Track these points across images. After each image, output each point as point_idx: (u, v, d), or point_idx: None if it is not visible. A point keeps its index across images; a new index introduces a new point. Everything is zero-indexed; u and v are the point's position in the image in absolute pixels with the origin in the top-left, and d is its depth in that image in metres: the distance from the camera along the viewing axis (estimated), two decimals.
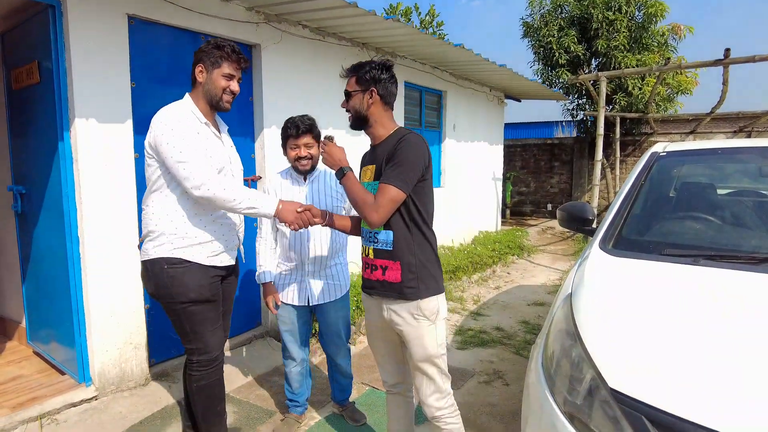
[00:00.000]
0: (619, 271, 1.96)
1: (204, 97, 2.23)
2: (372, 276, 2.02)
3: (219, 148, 2.25)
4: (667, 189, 2.66)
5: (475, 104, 7.75)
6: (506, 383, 3.35)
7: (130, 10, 3.03)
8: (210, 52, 2.20)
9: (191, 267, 2.20)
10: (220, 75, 2.20)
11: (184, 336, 2.26)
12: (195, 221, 2.21)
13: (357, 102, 2.00)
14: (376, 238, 1.99)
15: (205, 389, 2.29)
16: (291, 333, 2.69)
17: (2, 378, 3.28)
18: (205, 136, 2.19)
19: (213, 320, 2.28)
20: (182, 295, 2.18)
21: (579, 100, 11.38)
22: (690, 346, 1.44)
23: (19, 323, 3.85)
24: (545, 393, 1.63)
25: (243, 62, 2.26)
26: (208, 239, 2.25)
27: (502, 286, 6.08)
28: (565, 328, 1.73)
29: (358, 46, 5.04)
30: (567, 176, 12.34)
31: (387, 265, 1.97)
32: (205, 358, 2.26)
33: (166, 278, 2.17)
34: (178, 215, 2.19)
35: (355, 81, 2.00)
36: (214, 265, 2.27)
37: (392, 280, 1.96)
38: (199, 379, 2.27)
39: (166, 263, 2.17)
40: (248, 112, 3.98)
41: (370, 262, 2.03)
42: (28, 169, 3.31)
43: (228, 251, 2.35)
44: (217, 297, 2.30)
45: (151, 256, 2.20)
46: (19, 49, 3.22)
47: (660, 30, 10.12)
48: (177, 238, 2.19)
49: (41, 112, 3.02)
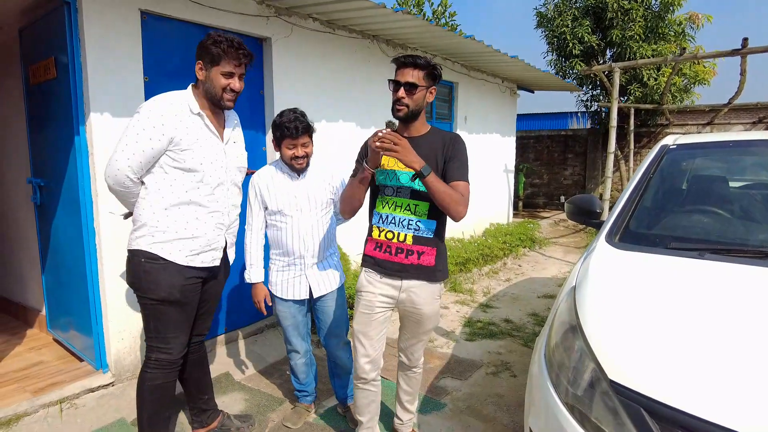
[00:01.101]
0: (623, 265, 1.97)
1: (204, 95, 2.18)
2: (406, 260, 2.13)
3: (206, 141, 2.17)
4: (676, 182, 2.65)
5: (487, 96, 7.70)
6: (513, 374, 3.38)
7: (143, 5, 3.07)
8: (208, 48, 2.11)
9: (167, 265, 2.14)
10: (219, 73, 2.12)
11: (148, 332, 2.23)
12: (177, 216, 2.14)
13: (421, 96, 2.06)
14: (418, 226, 2.11)
15: (157, 390, 2.23)
16: (294, 327, 2.69)
17: (24, 364, 3.40)
18: (187, 125, 2.11)
19: (179, 323, 2.22)
20: (152, 292, 2.14)
21: (593, 91, 11.25)
22: (690, 339, 1.46)
23: (40, 311, 3.97)
24: (547, 384, 1.66)
25: (244, 57, 2.17)
26: (188, 236, 2.17)
27: (512, 279, 6.08)
28: (568, 321, 1.75)
29: (369, 38, 5.04)
30: (581, 168, 12.22)
31: (424, 250, 2.13)
32: (164, 358, 2.22)
33: (141, 272, 2.14)
34: (160, 207, 2.13)
35: (424, 75, 2.04)
36: (192, 265, 2.19)
37: (427, 264, 2.14)
38: (154, 378, 2.22)
39: (144, 257, 2.13)
40: (259, 105, 4.02)
41: (405, 247, 2.13)
42: (46, 162, 3.40)
43: (211, 251, 2.25)
44: (189, 300, 2.23)
45: (132, 246, 2.18)
46: (36, 46, 3.29)
47: (677, 19, 9.93)
48: (158, 231, 2.13)
49: (58, 107, 3.10)
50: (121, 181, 2.08)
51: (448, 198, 1.96)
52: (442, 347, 3.84)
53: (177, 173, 2.13)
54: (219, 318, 3.77)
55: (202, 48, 2.13)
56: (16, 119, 3.77)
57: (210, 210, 2.22)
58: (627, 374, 1.41)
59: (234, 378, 3.30)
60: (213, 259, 2.28)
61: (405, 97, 2.04)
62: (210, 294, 2.41)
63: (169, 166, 2.12)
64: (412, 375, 2.47)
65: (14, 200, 4.05)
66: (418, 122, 2.13)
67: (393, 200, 2.13)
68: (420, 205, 2.11)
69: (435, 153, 2.08)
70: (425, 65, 2.03)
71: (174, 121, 2.08)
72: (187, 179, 2.15)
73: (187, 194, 2.15)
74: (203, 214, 2.20)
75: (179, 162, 2.12)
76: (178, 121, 2.09)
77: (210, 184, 2.20)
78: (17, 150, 3.84)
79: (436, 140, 2.11)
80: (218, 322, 3.77)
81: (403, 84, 2.03)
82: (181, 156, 2.11)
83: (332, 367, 2.81)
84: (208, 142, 2.19)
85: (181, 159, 2.11)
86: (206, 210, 2.21)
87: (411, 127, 2.13)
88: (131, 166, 2.06)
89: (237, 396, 3.08)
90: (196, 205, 2.18)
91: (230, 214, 2.35)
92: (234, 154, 2.34)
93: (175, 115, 2.09)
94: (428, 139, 2.12)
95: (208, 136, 2.19)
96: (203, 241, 2.21)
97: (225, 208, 2.30)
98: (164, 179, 2.12)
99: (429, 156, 2.05)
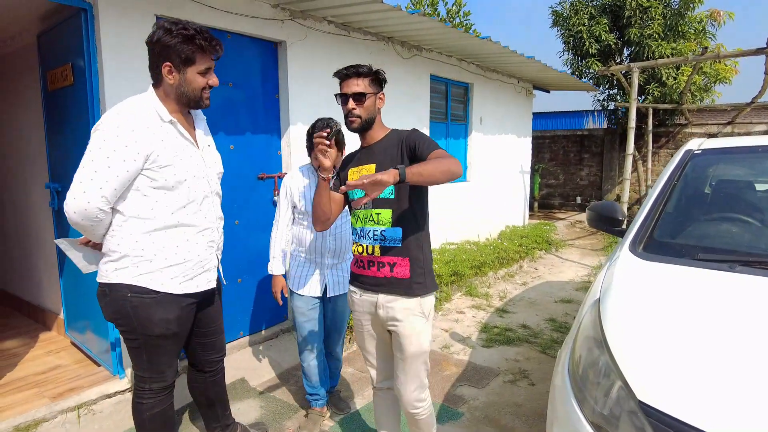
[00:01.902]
0: (649, 277, 1.91)
1: (176, 98, 1.92)
2: (378, 273, 2.00)
3: (184, 152, 1.94)
4: (701, 189, 2.57)
5: (502, 96, 7.62)
6: (532, 383, 3.32)
7: (158, 10, 3.07)
8: (178, 47, 1.82)
9: (159, 298, 1.92)
10: (196, 73, 1.88)
11: (139, 364, 2.03)
12: (164, 241, 1.91)
13: (371, 103, 1.98)
14: (383, 236, 1.97)
15: (158, 417, 2.07)
16: (310, 323, 2.75)
17: (43, 367, 3.43)
18: (161, 137, 1.86)
19: (173, 352, 2.06)
20: (145, 329, 1.93)
21: (610, 90, 11.08)
22: (724, 361, 1.40)
23: (58, 314, 4.00)
24: (571, 400, 1.61)
25: (219, 49, 1.94)
26: (179, 261, 1.95)
27: (528, 282, 6.00)
28: (593, 335, 1.70)
29: (383, 40, 5.01)
30: (597, 168, 12.06)
31: (395, 261, 1.97)
32: (159, 386, 2.06)
33: (129, 308, 1.90)
34: (143, 234, 1.88)
35: (370, 82, 1.97)
36: (188, 292, 1.99)
37: (401, 276, 1.97)
38: (152, 407, 2.05)
39: (130, 291, 1.89)
40: (275, 109, 4.00)
41: (375, 259, 2.00)
42: (63, 168, 3.42)
43: (205, 273, 2.07)
44: (185, 328, 2.06)
45: (111, 280, 1.90)
46: (54, 52, 3.31)
47: (697, 16, 9.74)
48: (143, 261, 1.89)
49: (75, 113, 3.11)
50: (93, 215, 1.80)
51: (437, 171, 1.73)
52: (458, 353, 3.79)
53: (158, 194, 1.88)
54: (235, 322, 3.77)
55: (168, 47, 1.82)
56: (34, 125, 3.80)
57: (200, 229, 2.01)
58: (657, 395, 1.35)
59: (249, 384, 3.29)
60: (208, 281, 2.09)
61: (355, 108, 1.96)
62: (212, 315, 2.25)
63: (148, 188, 1.86)
64: (412, 418, 2.12)
65: (33, 205, 4.09)
66: (375, 129, 2.03)
67: (361, 213, 2.03)
68: (382, 213, 1.98)
69: (392, 152, 1.97)
70: (368, 72, 1.97)
71: (147, 134, 1.81)
72: (171, 199, 1.90)
73: (174, 216, 1.92)
74: (193, 235, 1.98)
75: (159, 181, 1.86)
76: (151, 134, 1.82)
77: (196, 200, 1.98)
78: (36, 155, 3.87)
79: (391, 141, 2.01)
80: (234, 327, 3.77)
81: (351, 95, 1.95)
82: (160, 174, 1.86)
83: (327, 360, 2.94)
84: (186, 152, 1.94)
85: (161, 177, 1.86)
86: (196, 229, 1.99)
87: (368, 136, 2.05)
88: (105, 195, 1.78)
89: (252, 403, 3.06)
90: (185, 226, 1.95)
91: (219, 228, 2.14)
92: (212, 160, 2.12)
93: (147, 127, 1.82)
94: (382, 143, 2.03)
95: (185, 146, 1.95)
96: (196, 264, 2.01)
97: (213, 223, 2.09)
98: (144, 203, 1.87)
99: (387, 159, 1.96)
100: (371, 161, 2.00)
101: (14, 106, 4.13)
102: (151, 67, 1.90)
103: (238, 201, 3.69)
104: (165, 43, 1.82)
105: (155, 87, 1.93)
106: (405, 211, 1.96)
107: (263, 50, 3.89)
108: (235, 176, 3.57)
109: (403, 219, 1.96)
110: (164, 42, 1.82)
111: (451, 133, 6.61)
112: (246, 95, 3.74)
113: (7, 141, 4.36)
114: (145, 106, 1.87)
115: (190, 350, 2.29)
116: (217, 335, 2.32)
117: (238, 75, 3.67)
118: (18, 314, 4.55)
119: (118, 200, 1.86)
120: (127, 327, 1.96)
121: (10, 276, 4.77)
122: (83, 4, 2.80)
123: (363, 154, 2.06)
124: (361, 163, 2.04)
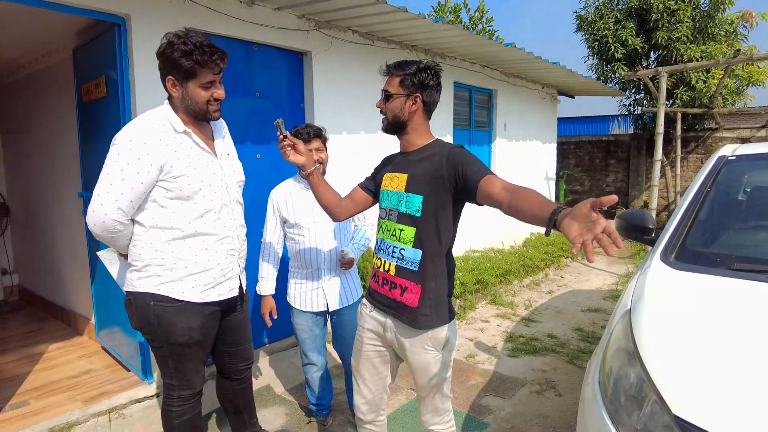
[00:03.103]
0: (682, 287, 1.86)
1: (184, 111, 1.93)
2: (390, 294, 1.85)
3: (199, 162, 1.94)
4: (736, 196, 2.50)
5: (526, 102, 7.56)
6: (559, 394, 3.26)
7: (187, 23, 3.15)
8: (178, 61, 1.81)
9: (182, 307, 1.93)
10: (198, 86, 1.87)
11: (166, 372, 2.05)
12: (183, 250, 1.92)
13: (397, 106, 1.81)
14: (401, 255, 1.81)
15: (187, 424, 2.10)
16: (311, 339, 2.68)
17: (76, 371, 3.52)
18: (174, 148, 1.87)
19: (199, 360, 2.07)
20: (169, 337, 1.95)
21: (636, 95, 10.87)
22: (763, 376, 1.35)
23: (89, 320, 4.11)
24: (602, 413, 1.57)
25: (221, 61, 1.89)
26: (199, 270, 1.95)
27: (555, 291, 5.91)
28: (624, 346, 1.66)
29: (407, 48, 5.03)
30: (623, 174, 11.82)
31: (408, 286, 1.80)
32: (187, 393, 2.07)
33: (152, 316, 1.92)
34: (163, 243, 1.90)
35: (399, 83, 1.80)
36: (209, 301, 2.00)
37: (409, 303, 1.80)
38: (182, 414, 2.07)
39: (153, 299, 1.92)
40: (300, 118, 4.05)
41: (389, 278, 1.85)
42: (96, 177, 3.49)
43: (227, 281, 2.06)
44: (209, 336, 2.07)
45: (136, 288, 1.94)
46: (88, 65, 3.42)
47: (728, 18, 9.50)
48: (164, 270, 1.91)
49: (107, 124, 3.20)
50: (111, 227, 1.83)
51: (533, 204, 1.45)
52: (483, 363, 3.75)
53: (175, 204, 1.89)
54: (260, 329, 3.80)
55: (169, 61, 1.83)
56: (69, 136, 3.93)
57: (219, 237, 2.01)
58: (693, 409, 1.31)
59: (275, 391, 3.32)
60: (230, 289, 2.09)
61: (382, 108, 1.84)
62: (238, 324, 2.24)
63: (165, 198, 1.88)
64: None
65: (66, 213, 4.22)
66: (412, 136, 1.85)
67: (385, 223, 1.90)
68: (405, 230, 1.81)
69: (427, 165, 1.78)
70: (397, 68, 1.80)
71: (159, 146, 1.83)
72: (188, 209, 1.91)
73: (191, 225, 1.92)
74: (213, 243, 1.99)
75: (174, 191, 1.88)
76: (164, 146, 1.84)
77: (214, 209, 1.98)
78: (70, 165, 4.00)
79: (431, 154, 1.81)
80: (259, 333, 3.81)
81: (384, 93, 1.84)
82: (175, 184, 1.87)
83: (348, 380, 2.80)
84: (201, 162, 1.95)
85: (176, 188, 1.87)
86: (215, 238, 1.99)
87: (405, 141, 1.88)
88: (121, 207, 1.81)
89: (278, 410, 3.08)
90: (204, 235, 1.96)
91: (239, 236, 2.14)
92: (231, 168, 2.11)
93: (160, 139, 1.84)
94: (422, 152, 1.84)
95: (201, 155, 1.95)
96: (217, 272, 2.01)
97: (234, 231, 2.08)
98: (161, 213, 1.89)
99: (420, 171, 1.79)
100: (405, 171, 1.85)
101: (50, 117, 4.28)
102: (161, 80, 1.92)
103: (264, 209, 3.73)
104: (167, 56, 1.83)
105: (169, 99, 1.95)
106: (430, 231, 1.78)
107: (289, 60, 3.95)
108: (262, 185, 3.61)
109: (426, 241, 1.78)
110: (166, 55, 1.83)
111: (474, 140, 6.58)
112: (272, 105, 3.80)
113: (43, 151, 4.52)
114: (159, 118, 1.89)
115: (217, 358, 2.30)
116: (243, 344, 2.31)
117: (264, 85, 3.73)
118: (53, 319, 4.70)
119: (137, 211, 1.88)
120: (152, 335, 1.98)
121: (44, 281, 4.92)
122: (117, 18, 2.90)
123: (399, 161, 1.91)
124: (396, 170, 1.89)
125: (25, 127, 4.79)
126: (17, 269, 5.49)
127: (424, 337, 1.81)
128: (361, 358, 1.98)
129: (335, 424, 2.90)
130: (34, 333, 4.35)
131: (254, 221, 3.09)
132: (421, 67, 1.80)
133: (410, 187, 1.81)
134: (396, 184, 1.86)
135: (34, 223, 4.91)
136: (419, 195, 1.78)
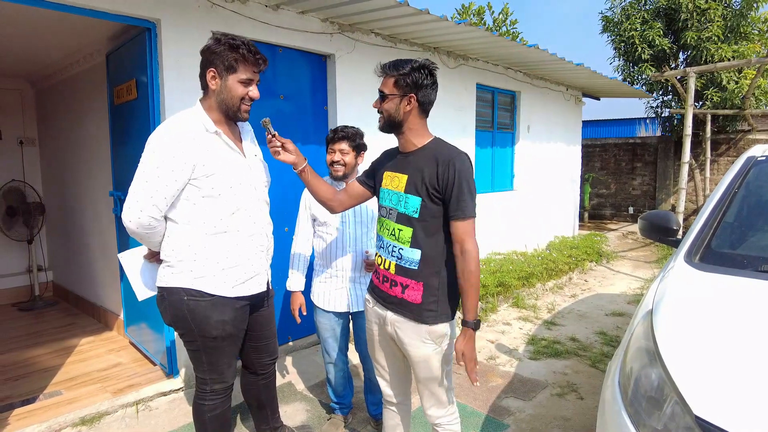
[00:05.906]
0: (706, 288, 1.83)
1: (218, 107, 1.98)
2: (390, 291, 1.91)
3: (229, 162, 2.00)
4: (766, 197, 2.44)
5: (550, 104, 7.49)
6: (581, 397, 3.22)
7: (215, 27, 3.23)
8: (223, 54, 1.89)
9: (214, 301, 1.99)
10: (237, 81, 1.93)
11: (199, 366, 2.09)
12: (215, 246, 1.98)
13: (392, 107, 1.83)
14: (400, 254, 1.86)
15: (219, 418, 2.15)
16: (333, 339, 2.70)
17: (106, 365, 3.64)
18: (206, 147, 1.92)
19: (232, 353, 2.13)
20: (202, 331, 1.99)
21: (664, 96, 10.66)
22: None
23: (118, 315, 4.24)
24: (622, 413, 1.56)
25: (263, 63, 1.99)
26: (231, 265, 2.01)
27: (578, 294, 5.83)
28: (645, 346, 1.65)
29: (430, 50, 5.05)
30: (650, 177, 11.59)
31: (408, 284, 1.85)
32: (220, 387, 2.13)
33: (186, 310, 1.97)
34: (195, 240, 1.95)
35: (393, 83, 1.82)
36: (240, 295, 2.05)
37: (412, 300, 1.85)
38: (213, 408, 2.12)
39: (186, 294, 1.96)
40: (323, 120, 4.11)
41: (389, 276, 1.90)
42: (126, 177, 3.62)
43: (256, 277, 2.12)
44: (241, 330, 2.12)
45: (169, 284, 1.99)
46: (120, 69, 3.55)
47: (761, 16, 9.25)
48: (197, 266, 1.96)
49: (138, 125, 3.31)
50: (146, 223, 1.90)
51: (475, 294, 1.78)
52: (504, 365, 3.74)
53: (207, 202, 1.94)
54: (284, 327, 3.86)
55: (215, 54, 1.91)
56: (101, 136, 4.07)
57: (249, 234, 2.07)
58: (715, 410, 1.30)
59: (296, 388, 3.37)
60: (260, 284, 2.15)
61: (378, 108, 1.87)
62: (264, 319, 2.31)
63: (197, 197, 1.93)
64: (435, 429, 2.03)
65: (98, 212, 4.37)
66: (409, 136, 1.87)
67: (385, 222, 1.94)
68: (403, 231, 1.85)
69: (423, 169, 1.81)
70: (390, 69, 1.82)
71: (192, 145, 1.89)
72: (220, 207, 1.96)
73: (223, 222, 1.98)
74: (243, 239, 2.05)
75: (206, 190, 1.93)
76: (197, 145, 1.90)
77: (244, 207, 2.04)
78: (102, 165, 4.14)
79: (429, 156, 1.83)
80: (283, 332, 3.87)
81: (379, 94, 1.87)
82: (207, 183, 1.93)
83: (366, 383, 2.81)
84: (231, 161, 2.01)
85: (207, 186, 1.93)
86: (245, 234, 2.05)
87: (402, 140, 1.90)
88: (156, 204, 1.87)
89: (299, 406, 3.13)
90: (235, 232, 2.02)
91: (268, 233, 2.20)
92: (258, 168, 2.18)
93: (193, 138, 1.90)
94: (420, 153, 1.86)
95: (231, 155, 2.01)
96: (248, 268, 2.07)
97: (263, 228, 2.15)
98: (194, 211, 1.94)
99: (418, 175, 1.82)
100: (405, 171, 1.88)
101: (84, 119, 4.44)
102: (200, 75, 1.99)
103: (288, 209, 3.80)
104: (212, 50, 1.91)
105: (202, 100, 2.02)
106: (428, 232, 1.82)
107: (312, 63, 4.01)
108: (286, 185, 3.68)
109: (424, 241, 1.82)
110: (212, 49, 1.92)
111: (497, 142, 6.56)
112: (296, 107, 3.87)
113: (77, 151, 4.69)
114: (192, 118, 1.95)
115: (243, 353, 2.35)
116: (269, 339, 2.37)
117: (288, 88, 3.80)
118: (84, 314, 4.86)
119: (170, 209, 1.94)
120: (185, 330, 2.02)
121: (76, 278, 5.10)
122: (148, 23, 3.00)
123: (399, 161, 1.94)
124: (396, 170, 1.92)
125: (61, 130, 4.99)
126: (51, 266, 5.69)
127: (422, 330, 1.85)
128: (375, 347, 2.06)
129: (355, 421, 2.93)
130: (67, 327, 4.51)
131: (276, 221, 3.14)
132: (415, 67, 1.80)
133: (409, 189, 1.85)
134: (396, 184, 1.90)
135: (68, 223, 5.09)
136: (417, 197, 1.82)
